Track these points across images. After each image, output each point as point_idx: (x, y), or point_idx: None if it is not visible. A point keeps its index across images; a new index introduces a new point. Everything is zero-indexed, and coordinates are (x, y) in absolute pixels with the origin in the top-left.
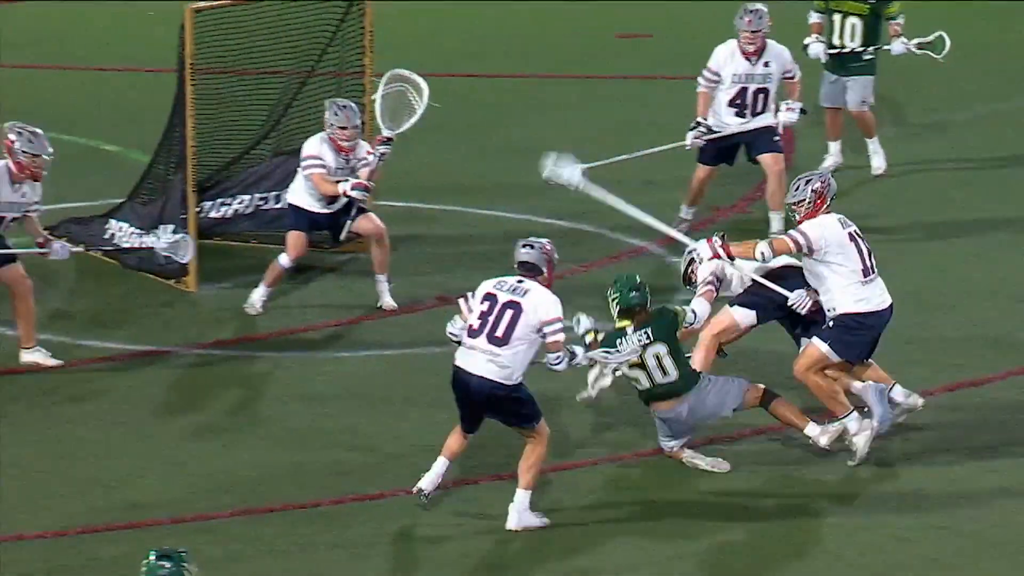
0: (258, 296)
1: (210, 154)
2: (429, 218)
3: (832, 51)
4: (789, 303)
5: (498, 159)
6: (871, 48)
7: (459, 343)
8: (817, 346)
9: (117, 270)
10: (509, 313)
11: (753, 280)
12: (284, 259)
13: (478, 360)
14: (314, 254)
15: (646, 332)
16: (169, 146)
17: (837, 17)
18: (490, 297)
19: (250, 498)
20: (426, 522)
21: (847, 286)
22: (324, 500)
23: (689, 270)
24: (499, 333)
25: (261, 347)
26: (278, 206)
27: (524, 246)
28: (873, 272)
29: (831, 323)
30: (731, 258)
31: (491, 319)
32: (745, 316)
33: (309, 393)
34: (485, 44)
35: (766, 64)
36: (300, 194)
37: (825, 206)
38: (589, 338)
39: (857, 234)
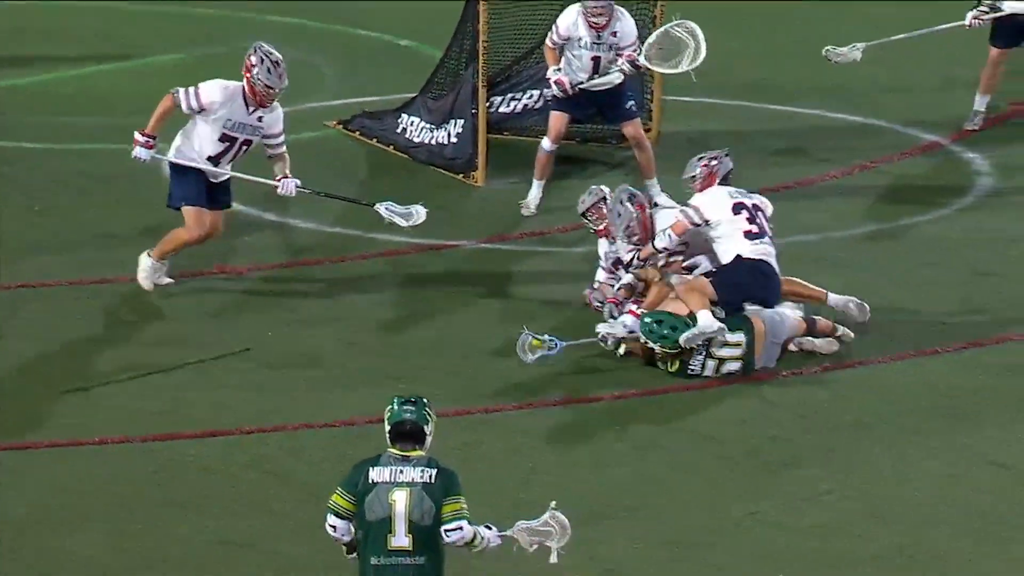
0: (533, 197)
1: (501, 49)
2: (717, 112)
3: None
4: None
5: (791, 56)
6: None
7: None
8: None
9: (408, 164)
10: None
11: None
12: (545, 143)
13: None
14: (597, 150)
15: None
16: (461, 41)
17: None
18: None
19: (530, 393)
20: (698, 419)
21: (740, 243)
22: (605, 395)
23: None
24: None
25: (545, 243)
26: None
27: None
28: (765, 235)
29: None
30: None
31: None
32: None
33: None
34: None
35: None
36: (564, 69)
37: (717, 181)
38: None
39: (748, 204)
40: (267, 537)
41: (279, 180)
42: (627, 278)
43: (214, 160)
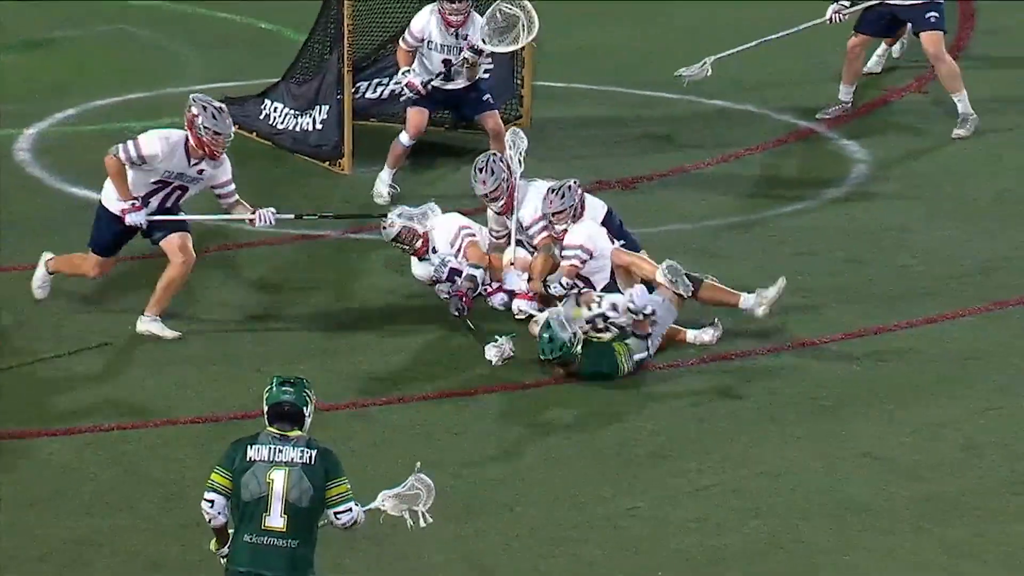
0: (383, 182)
1: (366, 33)
2: (590, 98)
3: None
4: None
5: (665, 42)
6: None
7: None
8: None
9: (272, 151)
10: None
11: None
12: (404, 137)
13: None
14: (463, 137)
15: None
16: (325, 25)
17: None
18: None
19: (399, 387)
20: (572, 413)
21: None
22: (479, 388)
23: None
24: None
25: None
26: None
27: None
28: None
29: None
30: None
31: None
32: None
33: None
34: None
35: None
36: (416, 69)
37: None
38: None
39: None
40: (128, 536)
41: (254, 212)
42: (468, 272)
43: (144, 199)
